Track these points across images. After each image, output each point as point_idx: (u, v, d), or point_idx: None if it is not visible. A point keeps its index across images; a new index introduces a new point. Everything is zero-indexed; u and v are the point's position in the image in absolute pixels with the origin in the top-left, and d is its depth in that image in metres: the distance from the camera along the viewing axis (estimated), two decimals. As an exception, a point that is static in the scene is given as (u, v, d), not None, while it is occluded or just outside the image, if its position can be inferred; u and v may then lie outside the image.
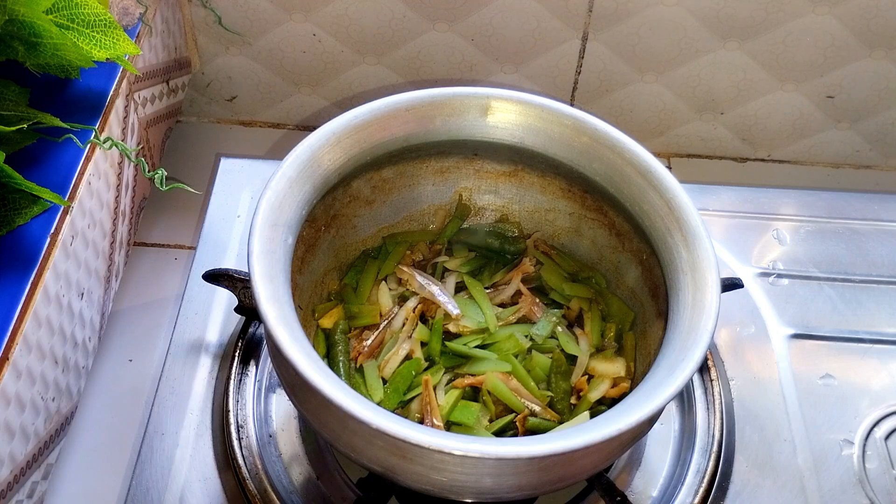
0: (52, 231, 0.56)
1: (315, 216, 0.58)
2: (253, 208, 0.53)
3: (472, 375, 0.57)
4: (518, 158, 0.62)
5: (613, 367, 0.58)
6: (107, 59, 0.60)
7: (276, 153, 0.86)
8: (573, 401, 0.58)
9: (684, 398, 0.64)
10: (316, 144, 0.55)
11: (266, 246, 0.50)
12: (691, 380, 0.63)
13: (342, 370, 0.58)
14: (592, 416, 0.55)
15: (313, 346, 0.49)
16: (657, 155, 0.57)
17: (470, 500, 0.50)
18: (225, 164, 0.78)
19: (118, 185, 0.67)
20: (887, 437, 0.63)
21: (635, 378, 0.58)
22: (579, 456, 0.49)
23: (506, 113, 0.59)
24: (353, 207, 0.62)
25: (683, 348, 0.49)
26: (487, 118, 0.60)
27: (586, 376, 0.59)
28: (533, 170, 0.63)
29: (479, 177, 0.65)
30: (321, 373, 0.45)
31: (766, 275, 0.73)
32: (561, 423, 0.56)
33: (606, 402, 0.57)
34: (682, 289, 0.52)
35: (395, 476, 0.49)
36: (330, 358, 0.59)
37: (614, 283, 0.63)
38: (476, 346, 0.59)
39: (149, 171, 0.67)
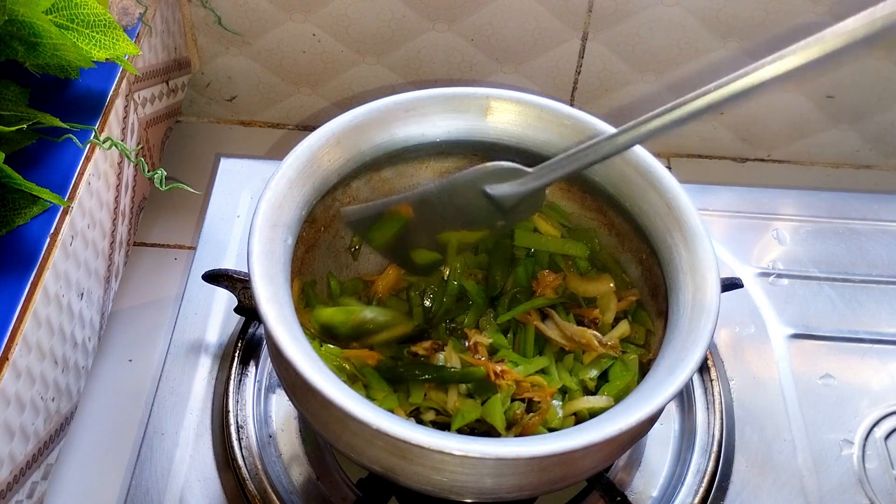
0: (51, 231, 0.56)
1: (315, 216, 0.58)
2: (253, 208, 0.53)
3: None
4: (518, 158, 0.62)
5: (601, 286, 0.59)
6: (106, 59, 0.60)
7: (276, 153, 0.86)
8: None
9: (684, 398, 0.64)
10: (316, 145, 0.55)
11: (266, 246, 0.50)
12: (691, 380, 0.63)
13: None
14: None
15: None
16: (657, 155, 0.57)
17: (470, 501, 0.50)
18: (225, 164, 0.78)
19: (118, 185, 0.67)
20: (887, 437, 0.63)
21: (642, 295, 0.58)
22: (579, 456, 0.49)
23: (506, 113, 0.59)
24: (353, 207, 0.62)
25: (683, 348, 0.49)
26: (487, 118, 0.60)
27: (595, 308, 0.59)
28: (533, 170, 0.63)
29: (478, 177, 0.65)
30: (321, 373, 0.45)
31: (765, 275, 0.73)
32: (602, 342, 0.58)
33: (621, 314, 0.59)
34: (681, 289, 0.52)
35: (395, 476, 0.49)
36: None
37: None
38: None
39: (148, 171, 0.67)
